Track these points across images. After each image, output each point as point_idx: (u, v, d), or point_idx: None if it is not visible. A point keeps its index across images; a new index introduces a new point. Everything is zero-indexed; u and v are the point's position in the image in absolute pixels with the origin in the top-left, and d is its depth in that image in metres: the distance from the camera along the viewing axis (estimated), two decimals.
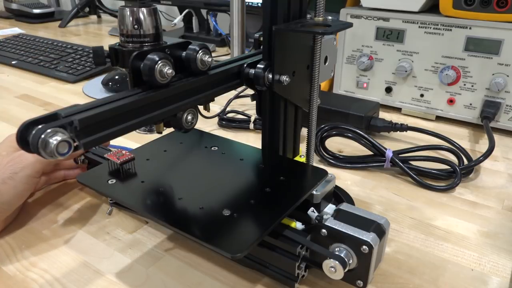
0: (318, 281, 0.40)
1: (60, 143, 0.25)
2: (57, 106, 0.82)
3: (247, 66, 0.40)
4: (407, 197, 0.53)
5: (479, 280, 0.40)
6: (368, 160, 0.60)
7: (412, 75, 0.76)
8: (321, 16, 0.39)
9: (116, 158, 0.43)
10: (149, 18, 0.34)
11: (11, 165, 0.44)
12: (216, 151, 0.47)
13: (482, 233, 0.47)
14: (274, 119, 0.44)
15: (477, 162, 0.56)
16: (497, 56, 0.67)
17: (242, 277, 0.40)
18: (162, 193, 0.39)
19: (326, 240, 0.36)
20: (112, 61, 0.35)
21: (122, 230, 0.47)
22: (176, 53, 0.35)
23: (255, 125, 0.70)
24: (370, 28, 0.77)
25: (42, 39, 1.22)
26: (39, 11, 1.64)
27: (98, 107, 0.29)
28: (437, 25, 0.71)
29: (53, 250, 0.44)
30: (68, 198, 0.53)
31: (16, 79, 0.99)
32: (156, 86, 0.33)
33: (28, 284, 0.40)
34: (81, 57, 1.06)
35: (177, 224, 0.35)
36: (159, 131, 0.37)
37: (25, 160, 0.45)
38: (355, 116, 0.67)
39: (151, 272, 0.41)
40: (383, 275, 0.41)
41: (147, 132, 0.68)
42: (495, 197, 0.53)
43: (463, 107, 0.73)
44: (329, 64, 0.45)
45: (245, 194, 0.39)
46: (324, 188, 0.41)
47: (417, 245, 0.45)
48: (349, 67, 0.82)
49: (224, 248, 0.32)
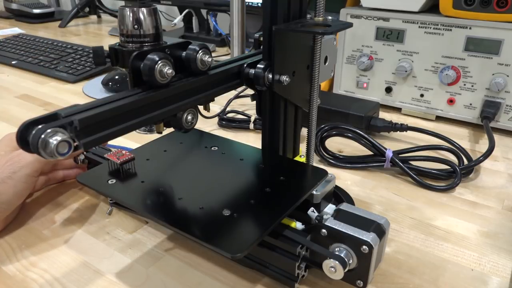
0: (318, 281, 0.40)
1: (60, 143, 0.25)
2: (57, 106, 0.82)
3: (247, 66, 0.40)
4: (407, 197, 0.53)
5: (479, 280, 0.40)
6: (368, 160, 0.60)
7: (412, 75, 0.76)
8: (321, 16, 0.39)
9: (116, 158, 0.43)
10: (149, 18, 0.34)
11: (10, 164, 0.44)
12: (216, 151, 0.47)
13: (482, 233, 0.47)
14: (274, 119, 0.44)
15: (477, 162, 0.56)
16: (497, 56, 0.67)
17: (242, 277, 0.40)
18: (162, 193, 0.39)
19: (326, 240, 0.36)
20: (112, 61, 0.35)
21: (122, 230, 0.47)
22: (176, 53, 0.35)
23: (255, 125, 0.70)
24: (370, 28, 0.77)
25: (42, 39, 1.22)
26: (39, 11, 1.64)
27: (98, 107, 0.29)
28: (437, 25, 0.71)
29: (53, 250, 0.44)
30: (68, 198, 0.53)
31: (16, 79, 0.99)
32: (156, 86, 0.33)
33: (28, 284, 0.40)
34: (81, 57, 1.06)
35: (177, 224, 0.35)
36: (159, 131, 0.37)
37: (24, 159, 0.45)
38: (355, 116, 0.67)
39: (151, 272, 0.41)
40: (383, 275, 0.41)
41: (147, 132, 0.68)
42: (495, 197, 0.53)
43: (463, 107, 0.73)
44: (329, 64, 0.45)
45: (245, 194, 0.39)
46: (324, 188, 0.41)
47: (417, 245, 0.45)
48: (349, 67, 0.82)
49: (224, 248, 0.32)
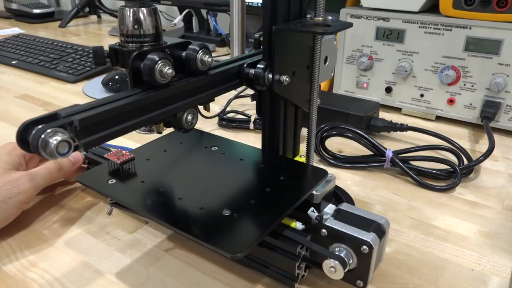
0: (318, 281, 0.40)
1: (60, 143, 0.25)
2: (57, 106, 0.82)
3: (247, 66, 0.40)
4: (407, 197, 0.53)
5: (479, 280, 0.40)
6: (368, 160, 0.60)
7: (412, 75, 0.76)
8: (321, 16, 0.39)
9: (116, 158, 0.43)
10: (149, 18, 0.34)
11: (7, 188, 0.43)
12: (216, 151, 0.47)
13: (482, 233, 0.47)
14: (274, 119, 0.44)
15: (477, 162, 0.56)
16: (497, 56, 0.67)
17: (242, 277, 0.40)
18: (162, 193, 0.39)
19: (326, 240, 0.36)
20: (112, 61, 0.35)
21: (122, 230, 0.47)
22: (176, 53, 0.35)
23: (255, 125, 0.70)
24: (370, 28, 0.77)
25: (42, 39, 1.22)
26: (39, 11, 1.64)
27: (98, 107, 0.29)
28: (437, 25, 0.71)
29: (53, 250, 0.44)
30: (68, 198, 0.53)
31: (16, 79, 0.99)
32: (156, 86, 0.33)
33: (28, 284, 0.40)
34: (81, 57, 1.06)
35: (177, 224, 0.35)
36: (159, 131, 0.37)
37: (22, 185, 0.45)
38: (355, 116, 0.67)
39: (151, 272, 0.41)
40: (383, 275, 0.41)
41: (147, 132, 0.68)
42: (495, 197, 0.53)
43: (463, 107, 0.73)
44: (329, 64, 0.45)
45: (245, 194, 0.39)
46: (324, 188, 0.41)
47: (417, 245, 0.45)
48: (349, 67, 0.82)
49: (224, 248, 0.32)
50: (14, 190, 0.44)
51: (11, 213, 0.45)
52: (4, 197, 0.43)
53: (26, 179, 0.45)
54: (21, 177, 0.45)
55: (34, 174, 0.46)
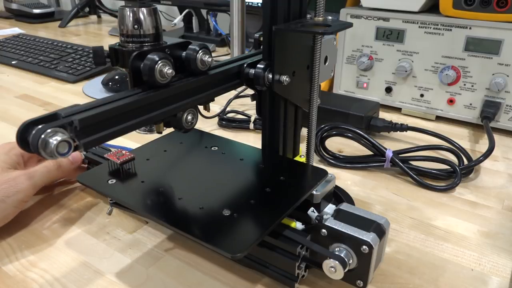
0: (318, 281, 0.40)
1: (60, 143, 0.25)
2: (57, 106, 0.82)
3: (247, 66, 0.40)
4: (407, 197, 0.53)
5: (479, 280, 0.40)
6: (368, 160, 0.60)
7: (412, 75, 0.76)
8: (321, 16, 0.39)
9: (116, 158, 0.43)
10: (149, 18, 0.34)
11: (4, 187, 0.43)
12: (216, 151, 0.47)
13: (482, 233, 0.47)
14: (274, 119, 0.44)
15: (477, 162, 0.56)
16: (497, 56, 0.67)
17: (242, 277, 0.40)
18: (162, 193, 0.39)
19: (326, 240, 0.36)
20: (112, 61, 0.35)
21: (122, 230, 0.47)
22: (176, 53, 0.35)
23: (255, 125, 0.70)
24: (370, 28, 0.77)
25: (42, 39, 1.22)
26: (39, 11, 1.64)
27: (98, 107, 0.29)
28: (437, 25, 0.71)
29: (53, 250, 0.44)
30: (68, 198, 0.53)
31: (16, 79, 0.99)
32: (156, 86, 0.33)
33: (28, 284, 0.40)
34: (81, 57, 1.06)
35: (177, 224, 0.35)
36: (159, 131, 0.37)
37: (20, 184, 0.44)
38: (355, 116, 0.67)
39: (151, 272, 0.41)
40: (383, 275, 0.41)
41: (147, 132, 0.68)
42: (495, 197, 0.53)
43: (463, 107, 0.73)
44: (329, 64, 0.45)
45: (245, 194, 0.39)
46: (324, 188, 0.41)
47: (417, 245, 0.45)
48: (349, 67, 0.82)
49: (224, 248, 0.32)
50: (12, 189, 0.44)
51: (10, 212, 0.45)
52: (2, 196, 0.43)
53: (24, 178, 0.45)
54: (19, 176, 0.45)
55: (33, 173, 0.46)
